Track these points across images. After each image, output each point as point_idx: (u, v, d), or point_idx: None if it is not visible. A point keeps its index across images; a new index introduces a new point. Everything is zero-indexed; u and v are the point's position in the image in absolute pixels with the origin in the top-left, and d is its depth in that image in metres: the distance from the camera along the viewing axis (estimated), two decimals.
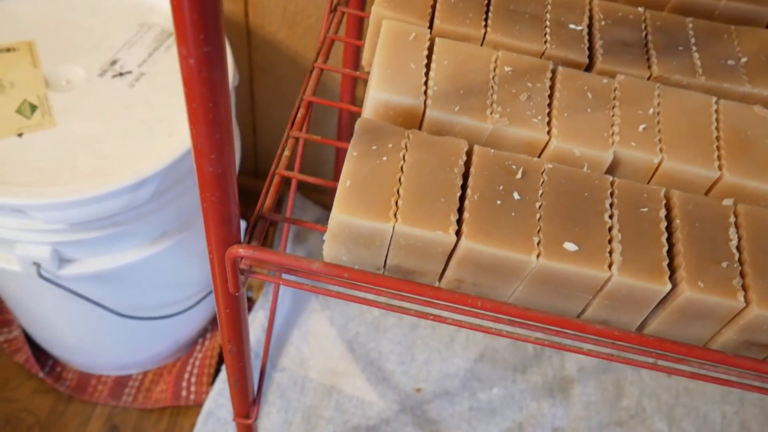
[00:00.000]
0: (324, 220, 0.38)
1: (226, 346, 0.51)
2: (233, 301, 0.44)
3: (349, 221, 0.38)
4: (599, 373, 0.99)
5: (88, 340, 0.87)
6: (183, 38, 0.29)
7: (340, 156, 1.02)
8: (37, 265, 0.67)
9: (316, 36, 0.90)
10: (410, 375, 0.97)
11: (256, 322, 0.98)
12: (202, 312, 0.94)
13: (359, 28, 0.75)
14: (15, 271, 0.68)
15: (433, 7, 0.49)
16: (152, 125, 0.69)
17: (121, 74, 0.73)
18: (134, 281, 0.77)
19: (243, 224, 0.83)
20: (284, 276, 0.41)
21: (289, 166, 0.46)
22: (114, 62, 0.74)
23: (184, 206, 0.73)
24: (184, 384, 0.91)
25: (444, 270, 0.40)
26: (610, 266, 0.37)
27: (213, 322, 1.00)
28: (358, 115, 0.46)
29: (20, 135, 0.66)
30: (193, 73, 0.30)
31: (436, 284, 0.42)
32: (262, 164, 1.14)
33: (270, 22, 0.91)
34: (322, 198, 1.15)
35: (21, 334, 0.93)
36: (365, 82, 0.56)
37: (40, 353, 0.93)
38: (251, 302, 1.01)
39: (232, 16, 0.91)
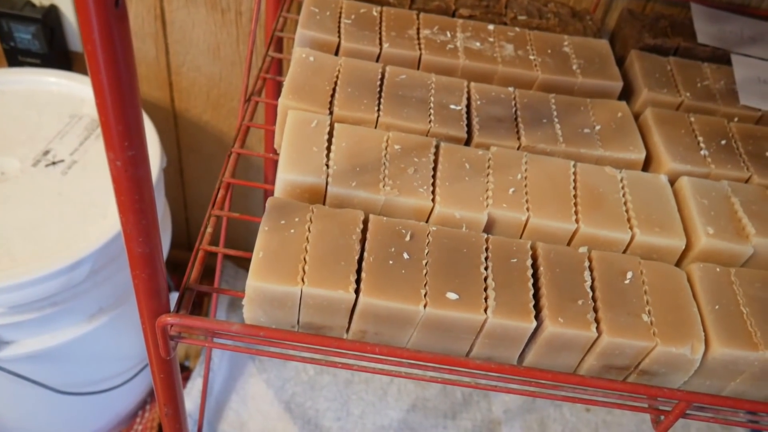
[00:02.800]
0: None
1: (162, 410, 0.55)
2: (166, 365, 0.49)
3: (263, 287, 0.44)
4: (524, 413, 1.06)
5: (26, 419, 0.89)
6: (110, 144, 0.35)
7: None
8: None
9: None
10: (347, 430, 1.01)
11: (194, 390, 1.01)
12: (141, 384, 0.97)
13: (274, 114, 0.82)
14: None
15: (333, 97, 0.57)
16: (85, 209, 0.74)
17: (54, 163, 0.78)
18: (73, 358, 0.80)
19: (176, 295, 0.88)
20: (215, 340, 0.47)
21: (213, 242, 0.52)
22: (47, 152, 0.79)
23: (119, 283, 0.78)
24: None
25: (349, 323, 0.47)
26: (485, 310, 0.45)
27: (152, 394, 1.02)
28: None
29: None
30: (120, 173, 0.36)
31: (344, 336, 0.48)
32: (193, 237, 1.19)
33: (195, 106, 0.97)
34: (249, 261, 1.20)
35: None
36: None
37: None
38: (189, 371, 1.05)
39: (159, 102, 0.97)
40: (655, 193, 0.54)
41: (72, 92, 0.86)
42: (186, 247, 1.20)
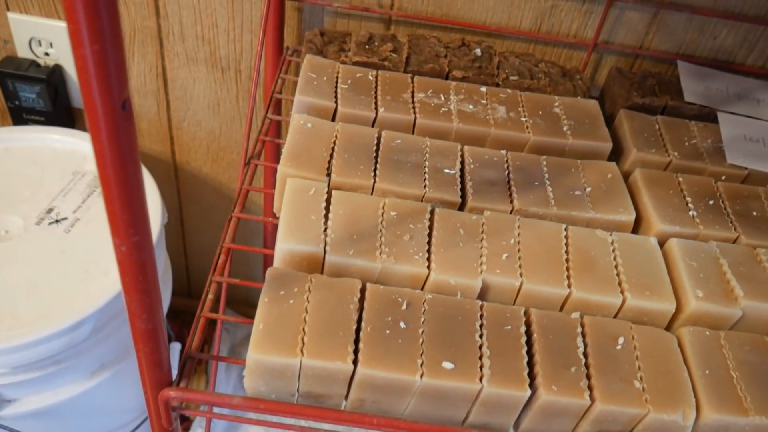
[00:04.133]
0: None
1: None
2: None
3: (263, 359, 0.45)
4: None
5: None
6: (116, 231, 0.37)
7: None
8: None
9: (238, 168, 0.99)
10: None
11: None
12: None
13: (275, 177, 0.84)
14: None
15: (330, 163, 0.58)
16: (88, 267, 0.75)
17: (57, 221, 0.79)
18: (75, 413, 0.81)
19: (178, 347, 0.89)
20: (215, 410, 0.48)
21: (214, 308, 0.54)
22: (50, 210, 0.80)
23: (121, 339, 0.78)
24: None
25: (348, 392, 0.48)
26: (480, 379, 0.46)
27: None
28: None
29: None
30: (125, 257, 0.38)
31: (343, 404, 0.49)
32: (194, 285, 1.20)
33: (195, 158, 0.99)
34: (253, 312, 1.21)
35: None
36: None
37: None
38: (189, 421, 1.05)
39: (160, 155, 0.99)
40: (645, 256, 0.55)
41: (75, 149, 0.88)
42: (186, 295, 1.21)
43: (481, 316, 0.49)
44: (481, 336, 0.48)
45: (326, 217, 0.54)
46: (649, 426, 0.46)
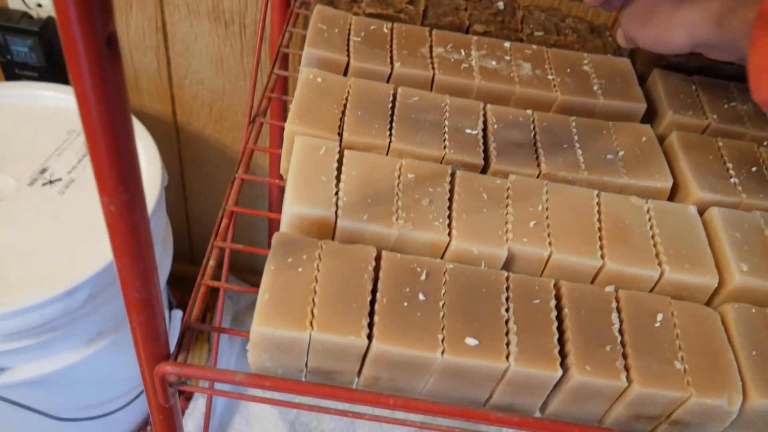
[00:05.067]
0: None
1: None
2: (166, 410, 0.46)
3: (269, 332, 0.41)
4: None
5: None
6: (104, 189, 0.32)
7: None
8: None
9: (242, 129, 0.94)
10: None
11: (196, 411, 0.98)
12: (142, 405, 0.95)
13: (281, 136, 0.79)
14: None
15: (342, 120, 0.54)
16: (83, 231, 0.71)
17: (51, 182, 0.75)
18: (72, 383, 0.78)
19: (180, 314, 0.85)
20: (216, 386, 0.44)
21: (216, 275, 0.50)
22: (44, 170, 0.76)
23: (118, 306, 0.75)
24: None
25: (361, 369, 0.44)
26: (507, 357, 0.42)
27: None
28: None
29: None
30: (115, 218, 0.34)
31: (356, 381, 0.45)
32: (196, 251, 1.16)
33: (197, 119, 0.95)
34: (257, 279, 1.17)
35: None
36: None
37: None
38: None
39: (161, 115, 0.94)
40: (684, 226, 0.51)
41: (70, 107, 0.83)
42: (188, 261, 1.18)
43: (507, 289, 0.45)
44: (507, 310, 0.44)
45: (338, 178, 0.49)
46: (690, 410, 0.42)
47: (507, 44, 0.64)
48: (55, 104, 0.83)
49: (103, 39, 0.27)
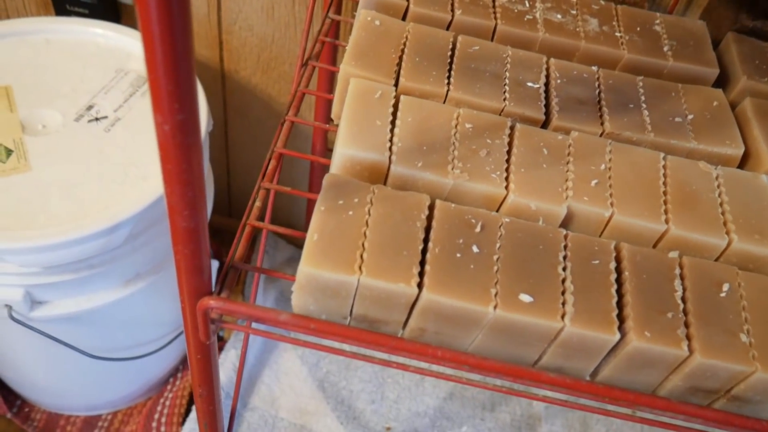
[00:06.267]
0: (296, 259, 0.40)
1: (196, 390, 0.52)
2: (204, 348, 0.45)
3: (316, 274, 0.39)
4: (566, 411, 1.01)
5: (58, 381, 0.87)
6: (159, 107, 0.31)
7: (311, 204, 1.04)
8: (9, 307, 0.68)
9: (290, 81, 0.93)
10: (380, 414, 0.98)
11: (227, 362, 0.98)
12: (174, 352, 0.95)
13: (330, 81, 0.77)
14: None
15: (399, 66, 0.52)
16: (127, 170, 0.70)
17: (96, 119, 0.74)
18: (107, 322, 0.78)
19: (216, 264, 0.85)
20: (254, 325, 0.43)
21: (261, 216, 0.48)
22: (90, 107, 0.75)
23: (158, 249, 0.74)
24: (154, 424, 0.91)
25: (407, 319, 0.42)
26: (562, 317, 0.40)
27: (184, 362, 1.00)
28: (328, 166, 0.48)
29: None
30: (168, 138, 0.32)
31: (400, 332, 0.43)
32: (235, 204, 1.15)
33: (244, 67, 0.93)
34: (294, 237, 1.17)
35: None
36: (335, 132, 0.59)
37: (8, 393, 0.93)
38: (223, 342, 1.02)
39: (208, 61, 0.93)
40: (755, 195, 0.48)
41: (119, 45, 0.82)
42: (226, 214, 1.17)
43: (565, 247, 0.43)
44: (564, 269, 0.42)
45: (393, 123, 0.47)
46: (752, 386, 0.40)
47: None
48: (104, 42, 0.82)
49: None
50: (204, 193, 0.37)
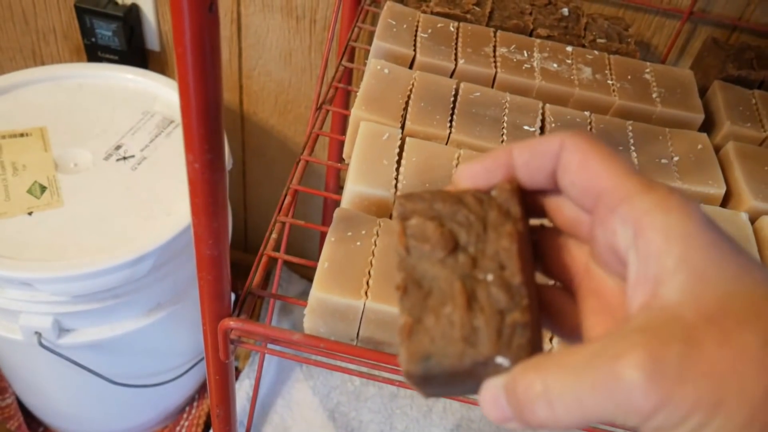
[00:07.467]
0: (308, 293, 0.44)
1: (214, 411, 0.56)
2: (223, 368, 0.49)
3: (326, 298, 0.43)
4: None
5: (80, 407, 0.91)
6: (190, 147, 0.36)
7: (323, 237, 1.09)
8: (39, 334, 0.72)
9: (305, 123, 0.98)
10: None
11: (241, 391, 1.02)
12: (191, 380, 0.99)
13: (343, 124, 0.83)
14: (16, 339, 0.73)
15: (405, 110, 0.56)
16: (152, 205, 0.75)
17: (124, 158, 0.79)
18: (129, 350, 0.82)
19: (233, 297, 0.89)
20: (269, 346, 0.47)
21: (276, 248, 0.53)
22: (118, 147, 0.80)
23: (178, 280, 0.79)
24: None
25: None
26: None
27: (200, 391, 1.03)
28: (339, 201, 0.52)
29: (30, 213, 0.72)
30: (198, 175, 0.37)
31: None
32: (251, 240, 1.20)
33: (263, 110, 0.99)
34: (307, 272, 1.21)
35: (14, 402, 0.96)
36: (347, 171, 0.63)
37: (31, 420, 0.97)
38: (237, 372, 1.06)
39: (228, 104, 0.99)
40: (736, 233, 0.51)
41: (146, 89, 0.88)
42: (242, 249, 1.22)
43: None
44: None
45: (398, 163, 0.52)
46: None
47: (569, 48, 0.65)
48: (133, 86, 0.87)
49: (206, 4, 0.30)
50: (227, 224, 0.41)
